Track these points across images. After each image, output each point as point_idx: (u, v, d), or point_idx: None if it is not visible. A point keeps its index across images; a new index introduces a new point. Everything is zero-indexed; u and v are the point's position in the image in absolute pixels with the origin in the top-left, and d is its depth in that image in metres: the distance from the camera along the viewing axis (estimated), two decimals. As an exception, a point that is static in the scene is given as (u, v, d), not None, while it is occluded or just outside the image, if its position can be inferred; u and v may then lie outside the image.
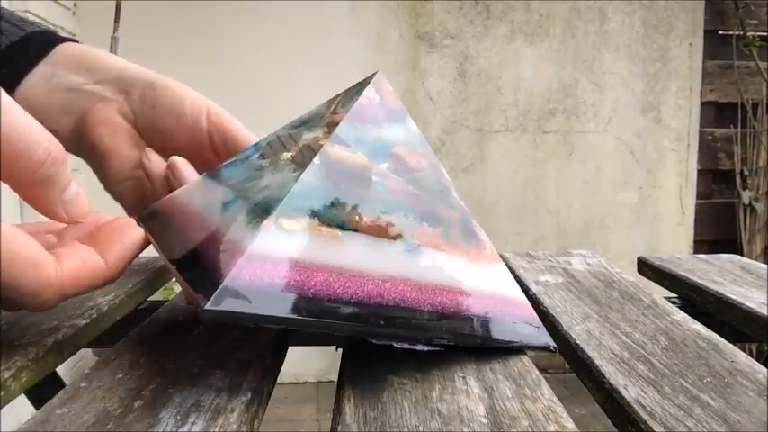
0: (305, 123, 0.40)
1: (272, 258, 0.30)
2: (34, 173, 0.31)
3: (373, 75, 0.40)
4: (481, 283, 0.37)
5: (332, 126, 0.37)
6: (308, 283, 0.31)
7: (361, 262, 0.32)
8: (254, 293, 0.29)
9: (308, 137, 0.38)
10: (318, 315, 0.30)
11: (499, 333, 0.36)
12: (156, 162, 0.44)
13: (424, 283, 0.34)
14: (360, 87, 0.40)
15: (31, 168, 0.31)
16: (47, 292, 0.31)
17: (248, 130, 0.45)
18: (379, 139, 0.38)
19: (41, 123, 0.42)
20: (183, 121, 0.44)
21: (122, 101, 0.43)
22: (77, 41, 0.46)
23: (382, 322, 0.32)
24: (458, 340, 0.35)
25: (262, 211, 0.32)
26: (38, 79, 0.43)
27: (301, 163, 0.35)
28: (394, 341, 0.32)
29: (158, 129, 0.44)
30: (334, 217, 0.33)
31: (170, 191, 0.41)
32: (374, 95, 0.39)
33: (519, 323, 0.38)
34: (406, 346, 0.33)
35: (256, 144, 0.41)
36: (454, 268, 0.36)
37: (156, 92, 0.43)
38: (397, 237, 0.35)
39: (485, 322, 0.36)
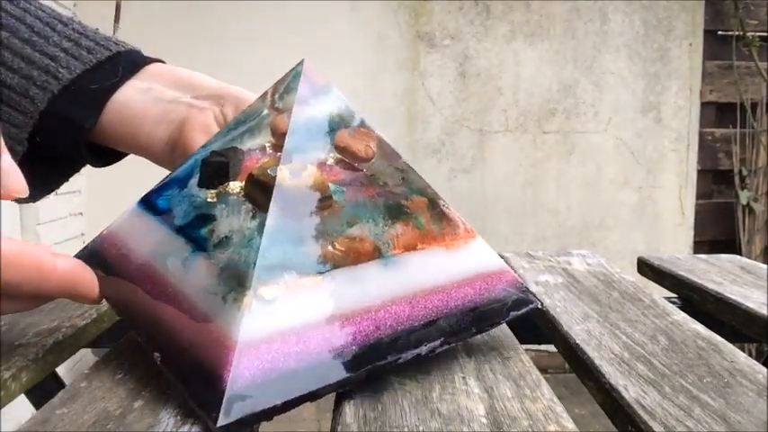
0: (243, 124, 0.37)
1: (264, 339, 0.29)
2: None
3: (299, 64, 0.38)
4: (463, 269, 0.36)
5: (276, 134, 0.35)
6: (307, 350, 0.29)
7: (350, 302, 0.31)
8: (258, 388, 0.28)
9: (252, 145, 0.35)
10: (327, 377, 0.29)
11: (489, 314, 0.36)
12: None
13: (412, 295, 0.34)
14: (291, 80, 0.37)
15: None
16: None
17: None
18: (311, 120, 0.36)
19: (138, 130, 0.43)
20: None
21: (218, 112, 0.44)
22: (164, 62, 0.46)
23: (388, 356, 0.31)
24: (455, 339, 0.34)
25: (234, 279, 0.30)
26: (132, 91, 0.43)
27: (256, 201, 0.32)
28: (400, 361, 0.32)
29: None
30: (307, 259, 0.31)
31: None
32: (306, 90, 0.37)
33: (505, 291, 0.37)
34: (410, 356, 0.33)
35: (188, 162, 0.37)
36: (435, 265, 0.35)
37: (247, 105, 0.44)
38: (374, 253, 0.33)
39: (474, 310, 0.35)
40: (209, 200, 0.34)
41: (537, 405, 0.30)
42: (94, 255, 0.36)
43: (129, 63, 0.44)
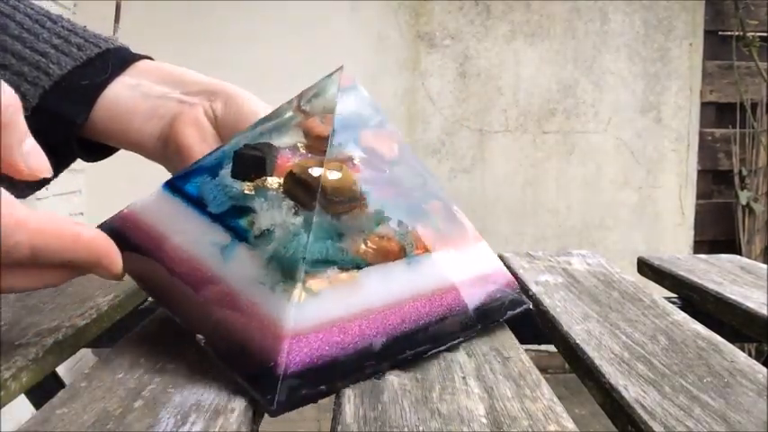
0: (269, 122, 0.38)
1: (312, 329, 0.31)
2: None
3: (335, 71, 0.39)
4: (471, 271, 0.40)
5: (311, 136, 0.37)
6: (346, 340, 0.32)
7: (381, 297, 0.34)
8: (307, 373, 0.30)
9: (281, 143, 0.37)
10: (362, 366, 0.33)
11: (491, 313, 0.39)
12: None
13: (431, 293, 0.36)
14: (322, 84, 0.39)
15: None
16: (21, 232, 0.30)
17: None
18: (339, 120, 0.37)
19: (128, 126, 0.44)
20: None
21: (208, 107, 0.44)
22: (153, 59, 0.46)
23: (409, 350, 0.34)
24: (464, 335, 0.37)
25: (281, 271, 0.32)
26: (122, 87, 0.43)
27: (298, 198, 0.34)
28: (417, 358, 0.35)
29: None
30: (345, 255, 0.34)
31: None
32: (344, 98, 0.39)
33: (503, 292, 0.41)
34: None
35: (216, 152, 0.38)
36: (447, 264, 0.38)
37: (237, 101, 0.44)
38: (400, 252, 0.36)
39: (479, 308, 0.39)
40: (246, 192, 0.35)
41: (537, 405, 0.30)
42: (115, 232, 0.37)
43: (119, 59, 0.44)
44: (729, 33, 2.36)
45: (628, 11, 2.34)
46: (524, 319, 0.50)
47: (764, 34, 2.31)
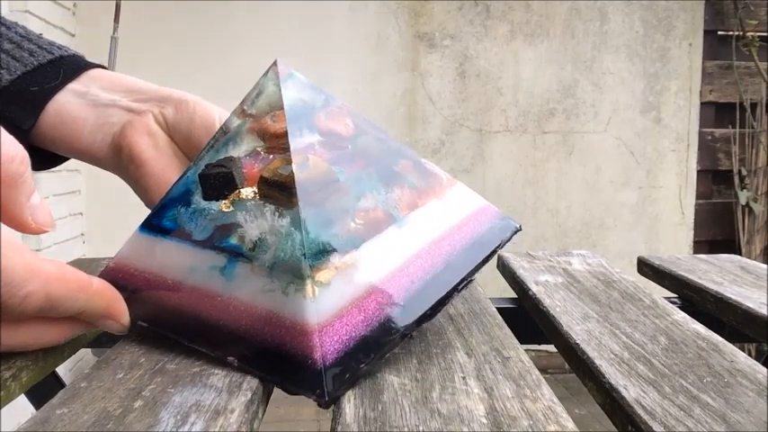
0: (223, 137, 0.38)
1: (334, 317, 0.32)
2: (5, 170, 0.29)
3: (271, 66, 0.39)
4: (456, 213, 0.41)
5: (267, 137, 0.37)
6: (369, 317, 0.33)
7: (385, 266, 0.35)
8: (344, 358, 0.32)
9: (241, 152, 0.37)
10: (389, 333, 0.34)
11: (487, 243, 0.41)
12: None
13: (428, 247, 0.38)
14: (260, 84, 0.39)
15: (1, 165, 0.29)
16: (35, 281, 0.29)
17: None
18: (290, 110, 0.37)
19: (76, 134, 0.43)
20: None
21: (158, 113, 0.43)
22: (106, 68, 0.46)
23: (426, 307, 0.35)
24: (470, 274, 0.38)
25: (288, 273, 0.33)
26: (71, 95, 0.43)
27: (278, 200, 0.34)
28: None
29: (193, 142, 0.44)
30: (340, 239, 0.34)
31: None
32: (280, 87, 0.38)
33: (492, 222, 0.43)
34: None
35: (180, 181, 0.38)
36: (436, 216, 0.40)
37: (189, 106, 0.43)
38: (388, 219, 0.37)
39: (474, 244, 0.40)
40: (224, 210, 0.36)
41: (537, 405, 0.30)
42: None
43: (71, 67, 0.43)
44: (729, 33, 2.36)
45: (627, 11, 2.34)
46: (524, 319, 0.50)
47: (764, 34, 2.31)
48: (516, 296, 0.56)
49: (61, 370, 0.48)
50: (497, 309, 0.46)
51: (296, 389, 0.32)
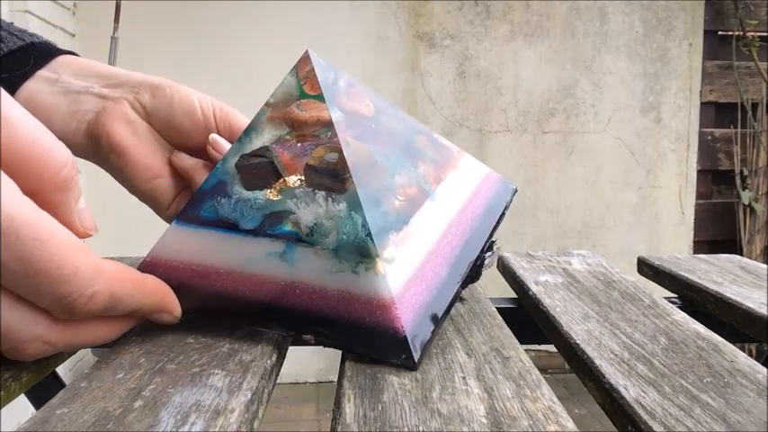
0: (247, 134, 0.39)
1: (405, 288, 0.35)
2: (57, 174, 0.30)
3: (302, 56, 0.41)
4: (471, 183, 0.45)
5: (297, 125, 0.38)
6: (430, 284, 0.36)
7: (430, 239, 0.38)
8: (420, 324, 0.35)
9: (266, 140, 0.38)
10: (448, 296, 0.37)
11: (495, 208, 0.45)
12: (185, 157, 0.44)
13: (456, 216, 0.41)
14: (286, 78, 0.40)
15: (54, 170, 0.30)
16: (101, 280, 0.29)
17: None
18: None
19: (49, 125, 0.42)
20: (197, 118, 0.44)
21: (133, 99, 0.43)
22: (78, 54, 0.46)
23: (470, 267, 0.40)
24: (489, 238, 0.42)
25: (355, 254, 0.34)
26: (41, 82, 0.42)
27: (330, 187, 0.35)
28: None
29: (174, 128, 0.43)
30: (389, 218, 0.36)
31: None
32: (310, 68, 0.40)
33: (496, 186, 0.47)
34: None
35: (211, 175, 0.38)
36: (457, 188, 0.43)
37: (166, 92, 0.43)
38: (422, 195, 0.39)
39: (488, 208, 0.44)
40: (272, 198, 0.36)
41: (537, 405, 0.30)
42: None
43: (41, 53, 0.43)
44: (729, 33, 2.36)
45: (627, 11, 2.34)
46: (524, 319, 0.50)
47: (764, 34, 2.31)
48: (516, 296, 0.56)
49: (61, 370, 0.48)
50: (497, 309, 0.46)
51: (382, 356, 0.34)
